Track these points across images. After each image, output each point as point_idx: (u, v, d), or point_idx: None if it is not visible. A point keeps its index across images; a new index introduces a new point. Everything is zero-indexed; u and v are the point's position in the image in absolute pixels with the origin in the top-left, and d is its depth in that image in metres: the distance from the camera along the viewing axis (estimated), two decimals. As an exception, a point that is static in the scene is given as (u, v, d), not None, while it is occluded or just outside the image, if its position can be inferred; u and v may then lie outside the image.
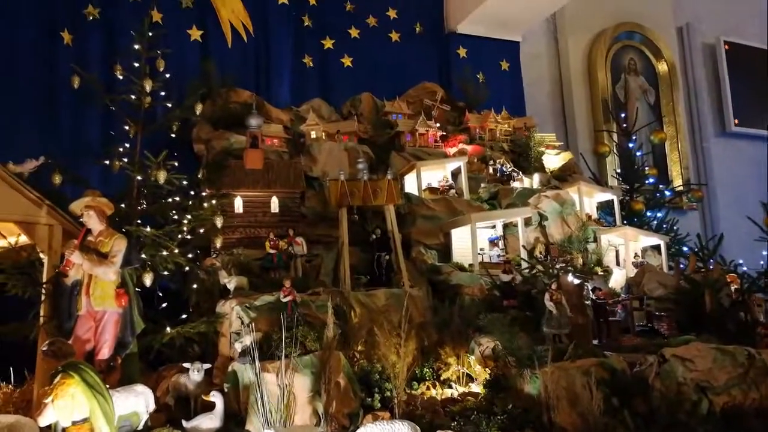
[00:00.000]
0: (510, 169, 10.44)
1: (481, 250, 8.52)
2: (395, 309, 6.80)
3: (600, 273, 8.64)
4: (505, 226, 9.05)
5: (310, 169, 9.30)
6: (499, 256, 8.61)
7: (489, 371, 6.14)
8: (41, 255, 5.79)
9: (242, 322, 6.23)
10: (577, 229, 9.21)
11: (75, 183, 6.73)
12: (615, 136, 13.73)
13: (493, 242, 8.79)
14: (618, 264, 9.18)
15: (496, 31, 12.96)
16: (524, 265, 8.17)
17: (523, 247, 8.63)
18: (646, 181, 12.75)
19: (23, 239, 5.85)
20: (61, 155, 7.52)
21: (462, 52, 12.80)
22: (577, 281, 7.22)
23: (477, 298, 7.53)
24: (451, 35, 12.85)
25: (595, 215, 10.21)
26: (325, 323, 6.20)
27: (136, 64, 7.11)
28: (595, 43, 14.45)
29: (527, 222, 9.00)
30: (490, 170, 10.48)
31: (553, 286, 6.76)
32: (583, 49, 14.46)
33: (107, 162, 6.94)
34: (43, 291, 5.61)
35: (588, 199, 10.16)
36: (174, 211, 6.88)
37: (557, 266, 7.91)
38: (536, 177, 10.59)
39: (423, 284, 7.81)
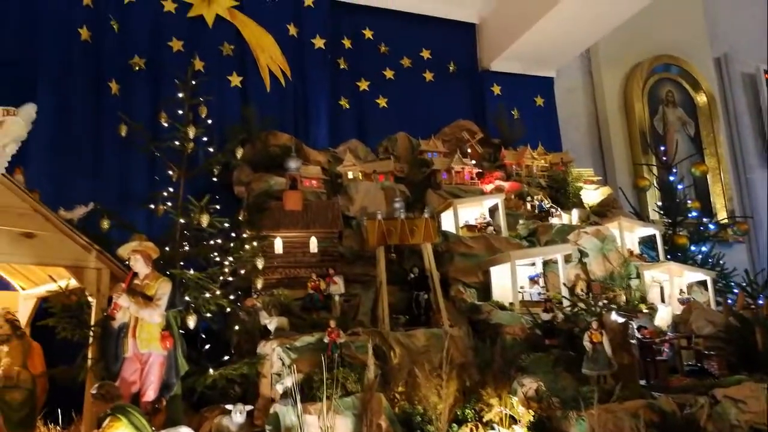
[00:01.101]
0: (548, 206, 10.37)
1: (521, 288, 8.43)
2: (435, 349, 6.75)
3: (645, 310, 8.42)
4: (545, 264, 8.94)
5: (347, 209, 9.40)
6: (539, 294, 8.50)
7: (533, 413, 6.01)
8: (89, 298, 5.97)
9: (283, 363, 6.27)
10: (619, 265, 9.01)
11: (121, 227, 6.92)
12: (655, 170, 13.53)
13: (533, 280, 8.69)
14: (663, 301, 8.94)
15: (530, 67, 13.04)
16: (565, 303, 8.04)
17: (564, 284, 8.51)
18: (689, 215, 12.48)
19: (73, 283, 6.03)
20: (108, 201, 7.79)
21: (496, 89, 12.88)
22: (621, 319, 7.07)
23: (518, 337, 7.42)
24: (484, 73, 12.98)
25: (637, 251, 10.02)
26: (365, 364, 6.21)
27: (180, 112, 7.34)
28: (630, 76, 14.39)
29: (567, 259, 8.88)
30: (528, 207, 10.41)
31: (594, 326, 6.61)
32: (619, 83, 14.40)
33: (152, 206, 7.12)
34: (91, 334, 5.76)
35: (629, 234, 9.98)
36: (216, 253, 7.02)
37: (600, 304, 7.76)
38: (575, 213, 10.48)
39: (463, 324, 7.73)
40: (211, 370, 6.17)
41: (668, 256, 10.31)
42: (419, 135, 11.26)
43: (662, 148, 13.70)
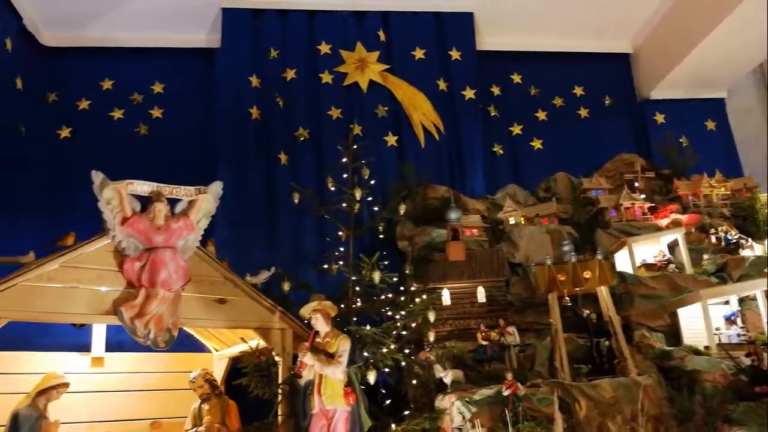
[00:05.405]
0: (736, 237, 9.39)
1: (716, 329, 7.63)
2: (625, 400, 6.31)
3: None
4: (741, 301, 8.05)
5: (512, 256, 9.20)
6: (738, 335, 7.63)
7: (750, 471, 5.33)
8: (276, 357, 6.32)
9: (463, 418, 6.14)
10: (834, 297, 7.89)
11: (299, 288, 7.27)
12: None
13: (729, 320, 7.83)
14: None
15: (696, 91, 12.17)
16: (772, 344, 7.16)
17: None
18: None
19: (261, 343, 6.41)
20: (285, 263, 8.29)
21: (659, 117, 12.16)
22: None
23: (720, 385, 6.68)
24: (644, 103, 12.34)
25: None
26: (548, 417, 5.90)
27: (345, 175, 7.70)
28: (815, 85, 12.92)
29: (768, 294, 7.94)
30: (713, 239, 9.48)
31: (817, 368, 5.82)
32: (802, 95, 12.99)
33: (325, 266, 7.43)
34: (280, 391, 6.04)
35: (840, 261, 8.74)
36: (387, 308, 7.14)
37: (816, 343, 6.81)
38: (770, 242, 9.40)
39: (652, 371, 7.12)
40: (393, 426, 6.19)
41: None
42: (579, 173, 10.86)
43: None
